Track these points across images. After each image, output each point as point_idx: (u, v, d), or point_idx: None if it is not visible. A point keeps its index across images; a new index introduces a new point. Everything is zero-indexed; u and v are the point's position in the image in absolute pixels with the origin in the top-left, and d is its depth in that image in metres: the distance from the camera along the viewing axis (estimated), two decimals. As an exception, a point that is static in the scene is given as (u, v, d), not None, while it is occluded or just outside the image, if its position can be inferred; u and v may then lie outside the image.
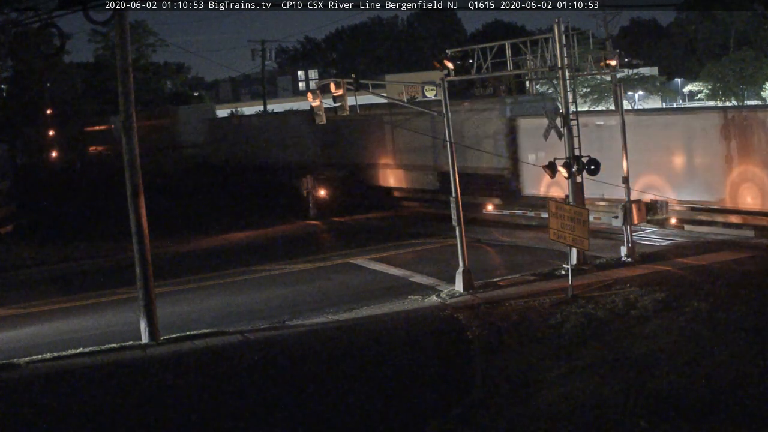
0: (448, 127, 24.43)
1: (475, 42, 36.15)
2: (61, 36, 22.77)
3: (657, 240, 28.39)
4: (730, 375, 15.07)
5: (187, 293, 26.51)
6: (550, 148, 27.63)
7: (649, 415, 13.63)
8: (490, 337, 18.92)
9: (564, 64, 25.15)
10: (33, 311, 25.48)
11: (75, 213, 47.38)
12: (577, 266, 24.02)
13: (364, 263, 28.92)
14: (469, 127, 35.85)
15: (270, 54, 76.00)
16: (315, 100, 26.19)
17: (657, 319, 18.78)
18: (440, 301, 22.91)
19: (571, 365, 16.34)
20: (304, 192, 41.30)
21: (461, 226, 24.01)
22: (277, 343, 20.21)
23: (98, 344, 20.47)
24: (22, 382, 18.10)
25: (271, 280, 27.67)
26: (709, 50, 74.37)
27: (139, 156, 20.94)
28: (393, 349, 18.98)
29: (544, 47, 25.90)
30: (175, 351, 19.88)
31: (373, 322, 21.32)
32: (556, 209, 22.12)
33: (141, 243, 20.84)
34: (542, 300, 21.50)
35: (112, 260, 32.40)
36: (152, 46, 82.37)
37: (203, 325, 21.86)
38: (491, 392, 15.61)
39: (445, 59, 25.04)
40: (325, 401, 15.94)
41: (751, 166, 27.14)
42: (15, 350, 20.71)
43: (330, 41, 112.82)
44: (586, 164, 24.74)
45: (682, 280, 22.47)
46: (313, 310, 23.02)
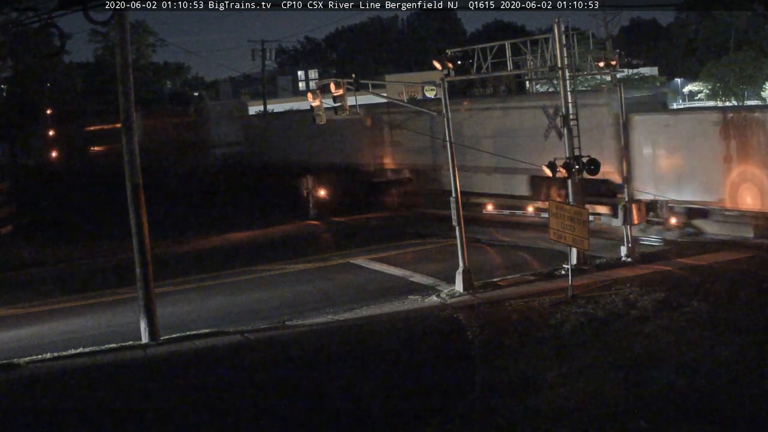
0: (448, 128, 24.43)
1: (475, 42, 35.94)
2: (61, 36, 22.79)
3: (657, 240, 28.38)
4: (730, 375, 15.07)
5: (187, 293, 26.51)
6: (676, 150, 27.43)
7: (649, 415, 13.63)
8: (490, 337, 18.91)
9: (564, 64, 25.14)
10: (33, 311, 25.48)
11: (75, 213, 47.38)
12: (577, 266, 24.02)
13: (364, 263, 28.93)
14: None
15: (270, 54, 75.97)
16: (315, 100, 26.19)
17: (657, 319, 18.79)
18: (440, 301, 22.90)
19: (571, 365, 16.33)
20: (304, 192, 41.29)
21: (461, 226, 24.01)
22: (277, 343, 20.20)
23: (98, 344, 20.46)
24: (22, 382, 18.09)
25: (271, 280, 27.67)
26: (709, 50, 74.28)
27: (139, 156, 20.93)
28: (393, 349, 18.97)
29: (544, 47, 25.91)
30: (175, 351, 19.87)
31: (373, 322, 21.31)
32: (556, 209, 22.11)
33: (141, 243, 20.83)
34: (542, 300, 21.50)
35: (112, 260, 32.40)
36: (152, 46, 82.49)
37: (203, 325, 21.85)
38: (491, 392, 15.60)
39: (445, 59, 25.05)
40: (324, 401, 15.94)
41: (751, 167, 27.13)
42: (15, 350, 20.70)
43: (330, 41, 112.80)
44: (587, 164, 24.75)
45: (682, 280, 22.47)
46: (313, 310, 23.02)
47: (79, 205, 50.08)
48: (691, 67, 74.97)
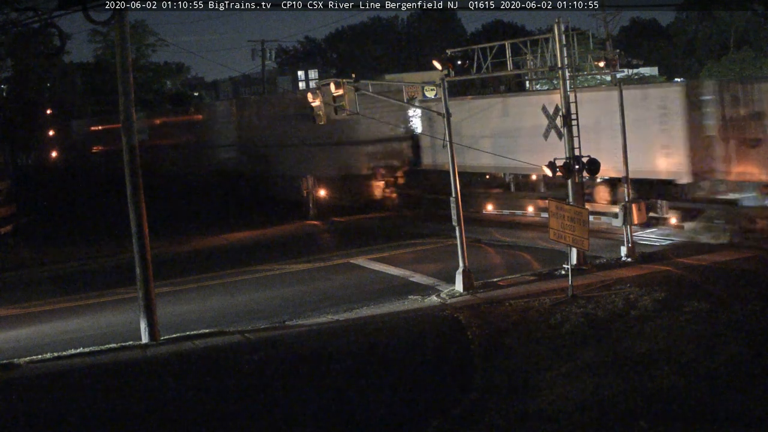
0: (448, 128, 24.42)
1: (475, 42, 35.90)
2: (61, 36, 22.72)
3: (657, 240, 28.39)
4: (730, 375, 15.07)
5: (187, 293, 26.51)
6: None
7: (649, 415, 13.62)
8: (490, 337, 18.90)
9: (564, 64, 25.15)
10: (33, 311, 25.49)
11: (75, 213, 47.40)
12: (577, 266, 24.03)
13: (364, 263, 28.93)
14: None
15: (270, 54, 75.98)
16: (315, 100, 26.18)
17: (657, 319, 18.78)
18: (440, 301, 22.90)
19: (571, 365, 16.32)
20: (304, 192, 41.28)
21: (461, 226, 24.01)
22: (277, 343, 20.20)
23: (98, 344, 20.47)
24: (22, 382, 18.09)
25: (271, 280, 27.68)
26: (709, 50, 74.34)
27: (139, 156, 20.94)
28: (393, 349, 18.97)
29: (544, 47, 25.91)
30: (175, 351, 19.87)
31: (373, 322, 21.31)
32: (556, 209, 22.11)
33: (141, 243, 20.84)
34: (542, 300, 21.49)
35: (112, 260, 32.41)
36: (152, 46, 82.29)
37: (203, 325, 21.86)
38: (491, 392, 15.59)
39: (445, 59, 25.04)
40: (325, 401, 15.93)
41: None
42: (15, 350, 20.72)
43: (330, 41, 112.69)
44: (586, 164, 24.75)
45: (682, 280, 22.47)
46: (313, 310, 23.03)
47: (79, 205, 50.09)
48: (691, 67, 75.02)
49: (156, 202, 29.99)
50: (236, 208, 45.11)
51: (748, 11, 66.49)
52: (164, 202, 43.79)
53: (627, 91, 26.73)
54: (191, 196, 50.65)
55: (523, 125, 32.93)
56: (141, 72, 74.31)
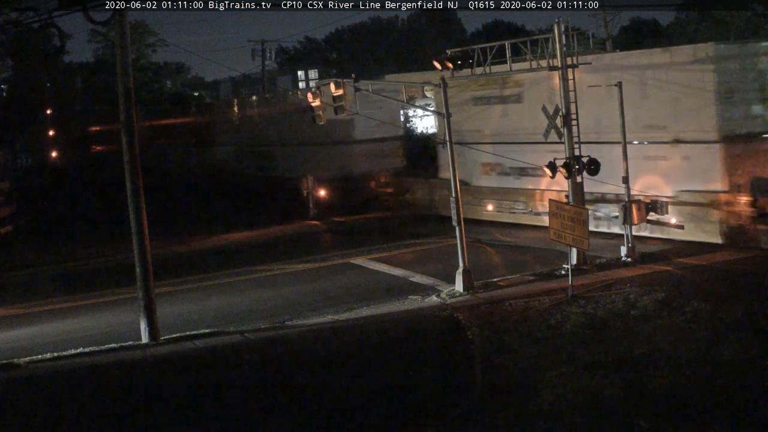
0: (448, 128, 24.42)
1: (475, 42, 35.91)
2: (61, 36, 22.79)
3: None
4: (730, 375, 15.07)
5: (187, 293, 26.51)
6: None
7: (649, 415, 13.63)
8: (490, 337, 18.90)
9: (564, 63, 25.13)
10: (33, 311, 25.49)
11: (75, 213, 47.38)
12: (577, 266, 24.02)
13: (364, 263, 28.93)
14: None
15: (270, 54, 75.97)
16: (315, 100, 26.17)
17: (657, 319, 18.79)
18: (440, 301, 22.90)
19: (571, 365, 16.33)
20: (304, 192, 41.28)
21: (461, 226, 24.00)
22: (277, 343, 20.19)
23: (98, 344, 20.48)
24: (22, 382, 18.09)
25: (271, 280, 27.68)
26: (709, 50, 74.17)
27: (139, 156, 20.93)
28: (393, 349, 18.97)
29: (544, 47, 25.90)
30: (175, 351, 19.88)
31: (373, 322, 21.31)
32: (556, 209, 22.11)
33: (141, 243, 20.84)
34: (542, 300, 21.50)
35: (112, 260, 32.41)
36: (152, 46, 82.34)
37: (203, 325, 21.87)
38: (491, 392, 15.60)
39: (445, 59, 25.04)
40: (325, 401, 15.93)
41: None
42: (15, 350, 20.71)
43: (330, 41, 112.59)
44: (587, 164, 24.75)
45: (682, 280, 22.48)
46: (313, 310, 23.03)
47: (79, 206, 50.09)
48: (691, 67, 74.80)
49: (156, 202, 29.99)
50: (236, 208, 45.10)
51: (748, 11, 66.46)
52: (164, 202, 43.78)
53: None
54: (191, 196, 50.64)
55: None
56: (141, 72, 74.32)
